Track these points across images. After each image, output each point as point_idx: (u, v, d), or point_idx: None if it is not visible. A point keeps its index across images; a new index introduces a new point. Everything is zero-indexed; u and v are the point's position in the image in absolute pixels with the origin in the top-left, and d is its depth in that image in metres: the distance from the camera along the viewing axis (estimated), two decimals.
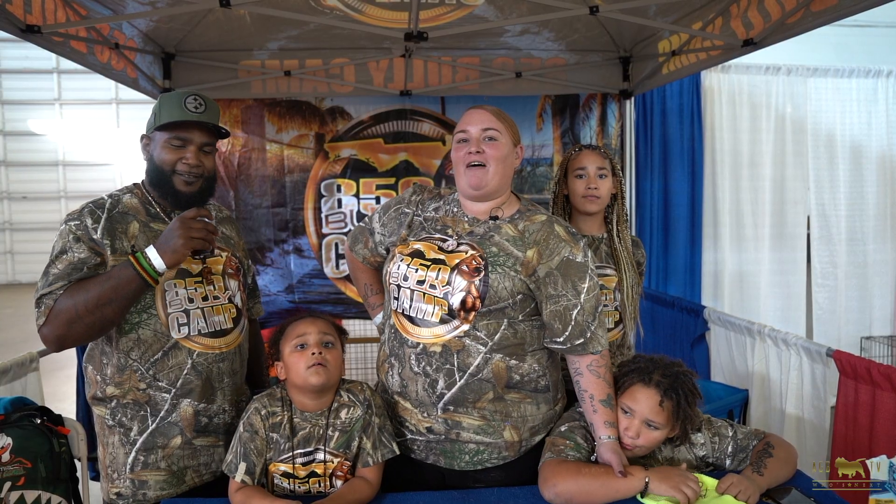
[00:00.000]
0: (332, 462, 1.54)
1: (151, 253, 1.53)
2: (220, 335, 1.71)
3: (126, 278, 1.53)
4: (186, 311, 1.66)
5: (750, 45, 2.71)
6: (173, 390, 1.65)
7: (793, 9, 2.44)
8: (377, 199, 3.95)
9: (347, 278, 3.90)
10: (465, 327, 1.53)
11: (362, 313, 4.01)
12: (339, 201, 3.93)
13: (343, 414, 1.57)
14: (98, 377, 1.68)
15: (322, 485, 1.55)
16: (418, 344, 1.56)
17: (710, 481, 1.51)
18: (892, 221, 4.90)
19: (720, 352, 3.36)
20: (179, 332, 1.64)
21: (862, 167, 4.81)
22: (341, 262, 3.93)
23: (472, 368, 1.54)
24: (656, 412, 1.53)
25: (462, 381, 1.54)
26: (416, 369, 1.56)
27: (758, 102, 4.61)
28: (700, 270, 4.55)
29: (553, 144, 4.02)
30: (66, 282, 1.55)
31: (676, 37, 3.27)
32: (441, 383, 1.54)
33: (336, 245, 3.96)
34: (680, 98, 4.43)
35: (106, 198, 1.69)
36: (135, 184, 1.76)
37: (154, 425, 1.65)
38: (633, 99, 3.97)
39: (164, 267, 1.54)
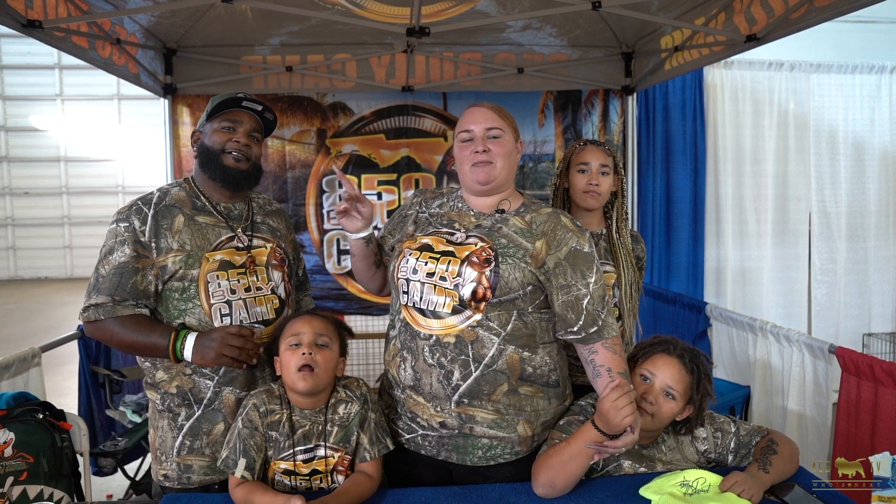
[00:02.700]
0: (334, 457, 1.54)
1: (189, 342, 1.61)
2: (262, 325, 1.74)
3: (158, 346, 1.63)
4: (229, 303, 1.69)
5: (753, 40, 2.70)
6: (216, 377, 1.69)
7: (796, 4, 2.43)
8: (379, 195, 3.95)
9: (349, 274, 3.90)
10: (478, 317, 1.53)
11: (364, 309, 4.02)
12: (341, 197, 3.93)
13: (341, 409, 1.57)
14: (148, 363, 1.73)
15: (324, 481, 1.55)
16: (431, 336, 1.55)
17: (713, 478, 1.50)
18: (893, 218, 4.88)
19: (722, 348, 3.36)
20: (222, 321, 1.68)
21: (864, 164, 4.79)
22: (343, 257, 3.93)
23: (486, 359, 1.54)
24: (677, 379, 1.55)
25: (477, 371, 1.54)
26: (430, 361, 1.55)
27: (760, 98, 4.59)
28: (703, 267, 4.54)
29: (555, 140, 4.02)
30: (108, 297, 1.63)
31: (679, 32, 3.26)
32: (456, 374, 1.54)
33: (338, 241, 3.96)
34: (682, 94, 4.41)
35: (155, 192, 1.75)
36: (185, 178, 1.83)
37: (199, 412, 1.70)
38: (635, 95, 3.97)
39: (190, 360, 1.61)
